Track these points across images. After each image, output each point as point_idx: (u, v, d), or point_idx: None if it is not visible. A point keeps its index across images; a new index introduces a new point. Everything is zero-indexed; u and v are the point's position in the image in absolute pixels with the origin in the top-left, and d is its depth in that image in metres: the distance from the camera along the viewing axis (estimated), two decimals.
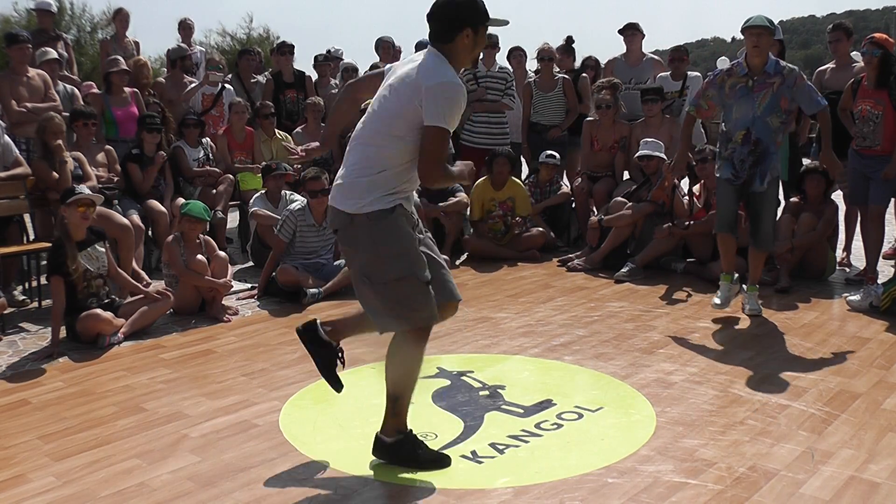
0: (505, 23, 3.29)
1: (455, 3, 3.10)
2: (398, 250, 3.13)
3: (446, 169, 3.20)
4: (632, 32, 8.28)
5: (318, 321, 3.49)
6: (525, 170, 8.95)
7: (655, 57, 8.45)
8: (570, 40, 8.76)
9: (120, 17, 9.14)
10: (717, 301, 5.55)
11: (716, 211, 5.68)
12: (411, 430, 3.35)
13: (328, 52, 10.06)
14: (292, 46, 8.95)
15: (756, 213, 5.41)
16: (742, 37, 5.28)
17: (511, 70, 8.67)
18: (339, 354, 3.48)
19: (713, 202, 6.59)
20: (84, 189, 5.28)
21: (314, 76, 9.09)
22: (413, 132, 3.06)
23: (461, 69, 3.37)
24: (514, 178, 7.59)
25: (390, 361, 3.28)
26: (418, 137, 3.06)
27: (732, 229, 5.49)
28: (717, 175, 5.49)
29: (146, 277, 6.07)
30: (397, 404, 3.29)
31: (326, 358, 3.46)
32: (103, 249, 5.23)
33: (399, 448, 3.32)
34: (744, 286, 5.65)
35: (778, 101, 5.20)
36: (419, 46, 5.31)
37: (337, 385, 3.48)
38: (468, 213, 7.58)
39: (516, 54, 9.29)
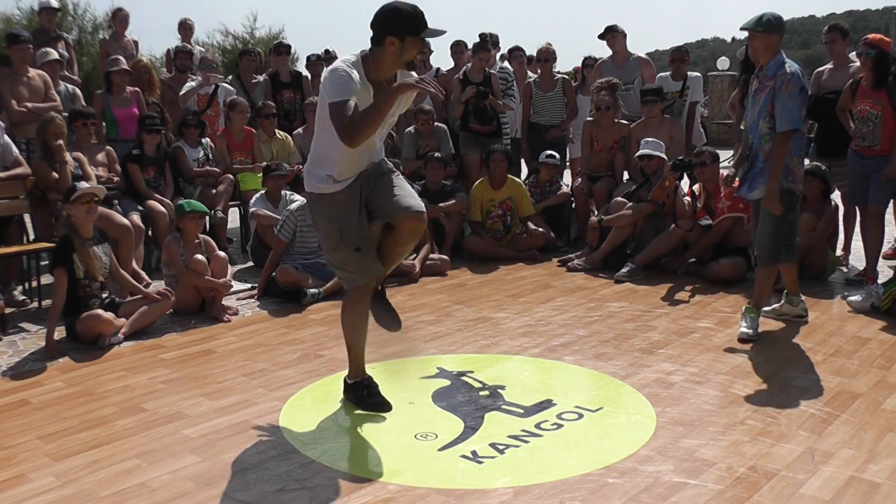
0: (440, 33, 3.59)
1: (381, 14, 3.43)
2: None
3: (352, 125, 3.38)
4: (612, 35, 8.28)
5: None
6: (524, 170, 8.96)
7: (642, 56, 8.44)
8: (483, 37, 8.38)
9: (119, 17, 9.14)
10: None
11: (789, 239, 5.00)
12: (367, 378, 3.95)
13: (326, 51, 10.06)
14: (289, 47, 9.00)
15: (755, 222, 5.09)
16: (742, 36, 5.24)
17: (511, 70, 8.68)
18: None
19: (714, 205, 6.60)
20: (84, 185, 5.29)
21: (308, 76, 9.11)
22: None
23: (391, 71, 3.54)
24: (513, 177, 7.60)
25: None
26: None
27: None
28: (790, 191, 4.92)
29: (146, 277, 6.08)
30: (350, 353, 3.91)
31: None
32: (107, 252, 5.24)
33: (352, 389, 3.97)
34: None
35: (768, 105, 4.81)
36: None
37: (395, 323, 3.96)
38: (467, 213, 7.58)
39: (516, 55, 9.28)
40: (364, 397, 3.93)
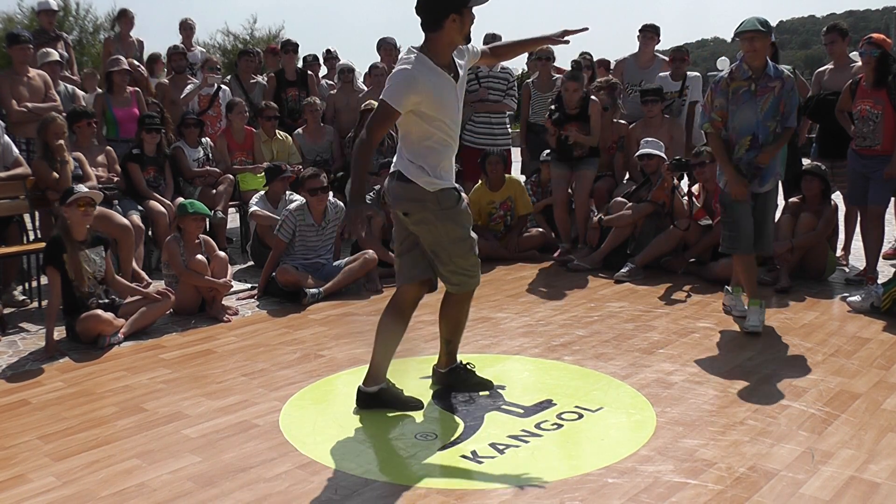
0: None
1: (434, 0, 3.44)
2: None
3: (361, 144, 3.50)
4: (650, 35, 8.29)
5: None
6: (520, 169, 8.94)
7: (665, 58, 8.44)
8: (577, 65, 8.03)
9: (125, 19, 9.14)
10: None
11: (730, 230, 5.15)
12: (461, 363, 4.17)
13: (328, 51, 10.10)
14: (296, 45, 9.00)
15: (762, 216, 5.14)
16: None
17: (513, 70, 8.66)
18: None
19: (714, 206, 6.59)
20: (82, 188, 5.29)
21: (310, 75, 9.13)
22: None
23: (453, 51, 3.57)
24: (510, 176, 7.59)
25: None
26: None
27: (752, 247, 5.17)
28: (724, 189, 5.17)
29: (146, 277, 6.08)
30: (450, 345, 4.12)
31: (382, 402, 3.91)
32: (102, 255, 5.22)
33: (456, 372, 4.16)
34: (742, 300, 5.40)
35: (778, 106, 5.01)
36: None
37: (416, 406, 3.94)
38: None
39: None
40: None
